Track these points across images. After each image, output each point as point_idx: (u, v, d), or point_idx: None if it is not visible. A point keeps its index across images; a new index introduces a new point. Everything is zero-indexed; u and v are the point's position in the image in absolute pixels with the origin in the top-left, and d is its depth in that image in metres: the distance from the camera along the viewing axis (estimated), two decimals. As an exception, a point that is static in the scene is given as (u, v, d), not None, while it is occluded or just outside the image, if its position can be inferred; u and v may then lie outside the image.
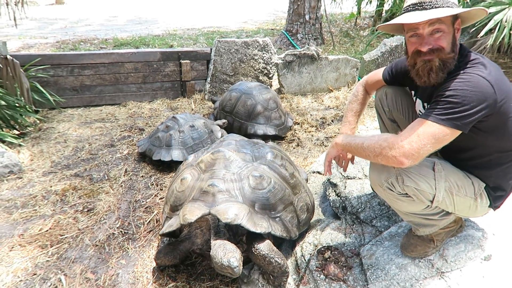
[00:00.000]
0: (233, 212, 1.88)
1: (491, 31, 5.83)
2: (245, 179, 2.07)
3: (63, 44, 7.46)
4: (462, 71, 1.51)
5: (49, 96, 4.23)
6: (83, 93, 4.66)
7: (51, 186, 2.99)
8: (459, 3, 6.52)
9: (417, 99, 1.90)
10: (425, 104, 1.83)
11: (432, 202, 1.62)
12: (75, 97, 4.64)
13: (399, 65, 2.02)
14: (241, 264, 1.77)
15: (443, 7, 1.52)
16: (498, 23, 5.67)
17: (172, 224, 2.04)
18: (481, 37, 6.06)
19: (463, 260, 1.81)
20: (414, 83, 1.73)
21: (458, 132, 1.44)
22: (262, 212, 2.01)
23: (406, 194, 1.63)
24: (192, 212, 1.92)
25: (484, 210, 1.74)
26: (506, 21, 5.63)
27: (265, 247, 1.88)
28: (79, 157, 3.47)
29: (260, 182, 2.07)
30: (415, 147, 1.42)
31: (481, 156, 1.64)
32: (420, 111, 1.90)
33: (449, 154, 1.74)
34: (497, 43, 5.80)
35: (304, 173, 2.84)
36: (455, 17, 1.59)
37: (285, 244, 2.27)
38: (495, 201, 1.72)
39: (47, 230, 2.50)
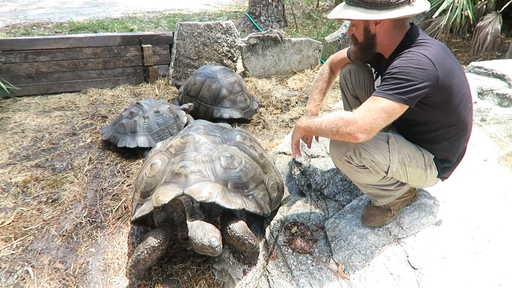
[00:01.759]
0: (207, 190, 1.90)
1: (444, 12, 6.10)
2: (216, 160, 2.10)
3: (13, 28, 7.03)
4: (407, 50, 1.62)
5: (1, 84, 4.01)
6: (40, 80, 4.45)
7: (10, 178, 2.88)
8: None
9: (379, 75, 2.00)
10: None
11: (387, 173, 1.74)
12: (31, 84, 4.42)
13: None
14: (221, 243, 1.78)
15: (359, 6, 1.65)
16: (451, 4, 5.94)
17: (144, 209, 2.00)
18: (435, 17, 6.33)
19: (417, 226, 1.96)
20: (374, 62, 1.92)
21: (406, 107, 1.54)
22: (235, 191, 2.05)
23: (364, 166, 1.74)
24: (165, 194, 1.91)
25: (434, 180, 1.88)
26: (458, 2, 5.91)
27: (240, 229, 1.91)
28: (39, 147, 3.36)
29: (232, 162, 2.11)
30: (368, 122, 1.51)
31: (430, 131, 1.76)
32: (377, 86, 2.01)
33: (402, 128, 1.87)
34: (450, 23, 6.08)
35: (271, 158, 2.89)
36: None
37: (254, 223, 2.34)
38: (443, 172, 1.86)
39: (9, 223, 2.43)
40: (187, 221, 1.90)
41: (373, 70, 2.09)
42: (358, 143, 1.66)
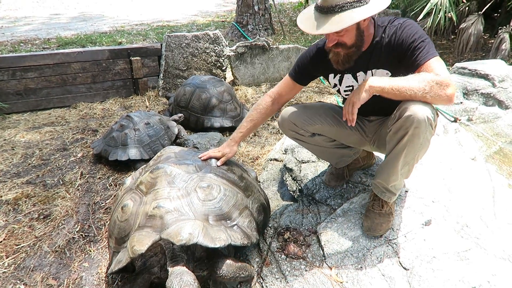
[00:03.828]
0: (187, 231, 1.71)
1: (428, 14, 6.23)
2: (192, 193, 1.90)
3: (0, 46, 7.00)
4: (396, 24, 1.77)
5: (-10, 103, 4.00)
6: (28, 97, 4.43)
7: (1, 196, 2.86)
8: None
9: (345, 74, 1.98)
10: (359, 73, 1.93)
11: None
12: (20, 101, 4.40)
13: (305, 59, 2.09)
14: None
15: (344, 10, 1.60)
16: (434, 6, 6.06)
17: (121, 260, 1.80)
18: (419, 20, 6.46)
19: (407, 227, 1.99)
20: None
21: None
22: (217, 224, 1.86)
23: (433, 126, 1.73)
24: (141, 242, 1.72)
25: None
26: (441, 4, 6.04)
27: (228, 270, 1.77)
28: (29, 164, 3.34)
29: (210, 192, 1.93)
30: (454, 83, 1.59)
31: None
32: (353, 82, 1.99)
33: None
34: (435, 26, 6.21)
35: (252, 171, 2.72)
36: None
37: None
38: None
39: (1, 241, 2.40)
40: (167, 267, 1.76)
41: (333, 75, 2.05)
42: None
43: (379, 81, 1.68)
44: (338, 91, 2.11)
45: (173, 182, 1.95)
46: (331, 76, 2.07)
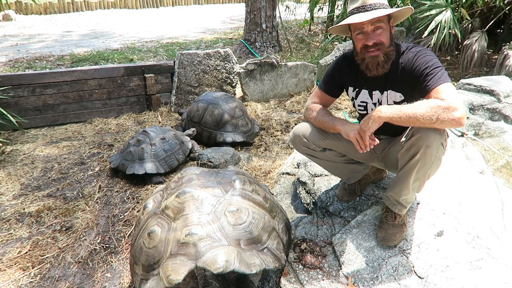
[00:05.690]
0: (223, 259, 1.68)
1: (433, 32, 6.38)
2: (222, 217, 1.88)
3: (16, 63, 7.22)
4: (414, 51, 1.92)
5: (11, 118, 4.14)
6: (46, 112, 4.59)
7: (24, 209, 2.97)
8: (402, 3, 7.02)
9: (362, 90, 2.13)
10: (375, 92, 2.07)
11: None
12: (38, 117, 4.56)
13: (332, 68, 2.25)
14: None
15: (380, 8, 1.86)
16: (438, 24, 6.21)
17: None
18: (424, 37, 6.61)
19: (420, 238, 2.06)
20: (357, 79, 2.10)
21: None
22: (249, 248, 1.84)
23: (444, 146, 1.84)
24: (176, 271, 1.68)
25: None
26: (445, 22, 6.19)
27: None
28: (49, 177, 3.45)
29: (239, 216, 1.90)
30: (462, 106, 1.64)
31: None
32: (367, 99, 2.13)
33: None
34: (439, 42, 6.35)
35: (265, 186, 2.72)
36: (389, 17, 1.95)
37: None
38: None
39: (26, 252, 2.50)
40: None
41: (352, 88, 2.18)
42: None
43: (387, 110, 1.79)
44: (354, 105, 2.25)
45: (201, 206, 1.92)
46: (350, 89, 2.21)
